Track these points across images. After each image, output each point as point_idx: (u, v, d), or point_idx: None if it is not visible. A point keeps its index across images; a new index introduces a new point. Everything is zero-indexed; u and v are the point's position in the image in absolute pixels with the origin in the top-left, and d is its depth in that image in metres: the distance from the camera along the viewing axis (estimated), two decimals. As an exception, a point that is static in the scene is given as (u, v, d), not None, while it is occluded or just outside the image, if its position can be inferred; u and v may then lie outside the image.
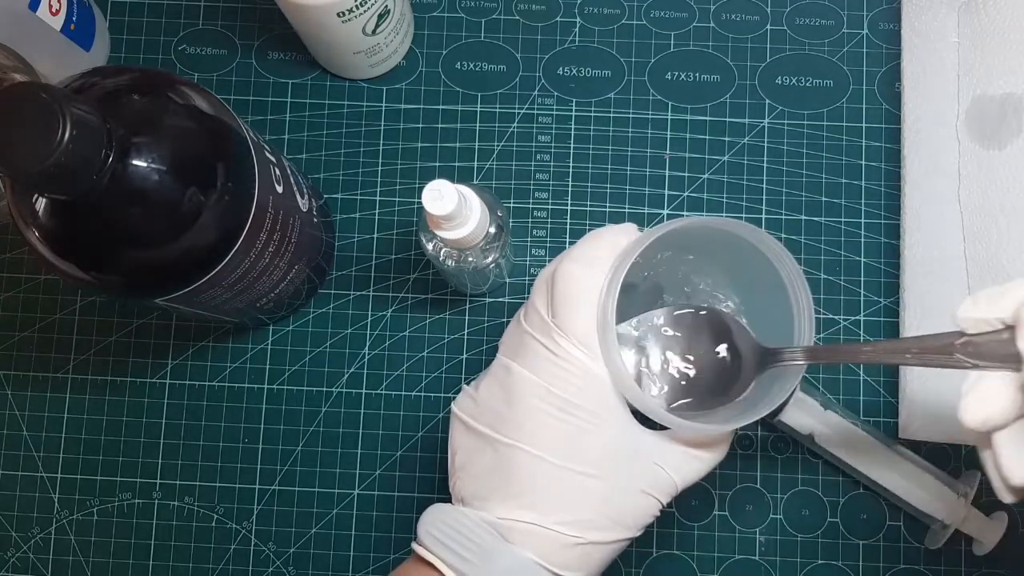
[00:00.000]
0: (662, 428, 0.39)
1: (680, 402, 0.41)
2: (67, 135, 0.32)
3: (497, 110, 0.58)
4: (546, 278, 0.40)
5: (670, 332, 0.42)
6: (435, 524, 0.38)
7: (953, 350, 0.32)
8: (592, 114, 0.58)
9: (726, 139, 0.57)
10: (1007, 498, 0.32)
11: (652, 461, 0.39)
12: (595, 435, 0.38)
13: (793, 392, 0.51)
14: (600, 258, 0.40)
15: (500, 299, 0.56)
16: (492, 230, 0.46)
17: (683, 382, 0.41)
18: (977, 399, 0.31)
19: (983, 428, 0.31)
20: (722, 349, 0.41)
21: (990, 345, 0.31)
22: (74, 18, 0.54)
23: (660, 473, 0.39)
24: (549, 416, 0.38)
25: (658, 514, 0.40)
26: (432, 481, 0.55)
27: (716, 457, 0.41)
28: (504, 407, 0.39)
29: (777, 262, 0.40)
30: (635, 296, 0.43)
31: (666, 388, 0.41)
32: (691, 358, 0.42)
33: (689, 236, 0.41)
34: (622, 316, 0.41)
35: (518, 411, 0.38)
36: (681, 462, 0.40)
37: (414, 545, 0.39)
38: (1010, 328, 0.31)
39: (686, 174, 0.57)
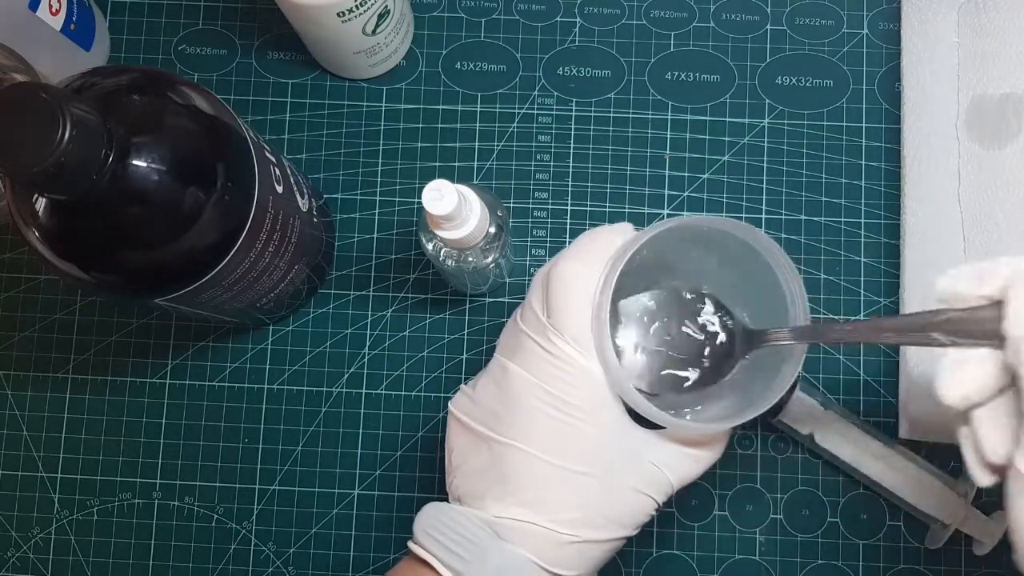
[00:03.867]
0: (658, 427, 0.39)
1: (665, 373, 0.42)
2: (67, 135, 0.32)
3: (497, 110, 0.58)
4: (542, 278, 0.40)
5: (656, 317, 0.42)
6: (431, 522, 0.38)
7: (931, 328, 0.32)
8: (592, 114, 0.58)
9: (726, 139, 0.57)
10: (983, 479, 0.32)
11: (648, 460, 0.39)
12: (590, 434, 0.38)
13: (792, 391, 0.51)
14: (595, 257, 0.40)
15: (500, 299, 0.56)
16: (492, 230, 0.46)
17: (671, 363, 0.42)
18: (957, 376, 0.31)
19: (962, 406, 0.31)
20: (706, 328, 0.42)
21: (971, 322, 0.31)
22: (74, 18, 0.54)
23: (655, 472, 0.39)
24: (545, 415, 0.38)
25: (654, 513, 0.40)
26: (432, 481, 0.55)
27: (712, 456, 0.41)
28: (500, 406, 0.39)
29: (771, 258, 0.40)
30: (629, 294, 0.43)
31: (656, 372, 0.42)
32: (677, 339, 0.42)
33: (683, 235, 0.41)
34: (614, 313, 0.42)
35: (514, 410, 0.38)
36: (677, 461, 0.40)
37: (410, 544, 0.39)
38: (995, 304, 0.31)
39: (686, 174, 0.57)
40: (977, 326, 0.31)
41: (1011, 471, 0.30)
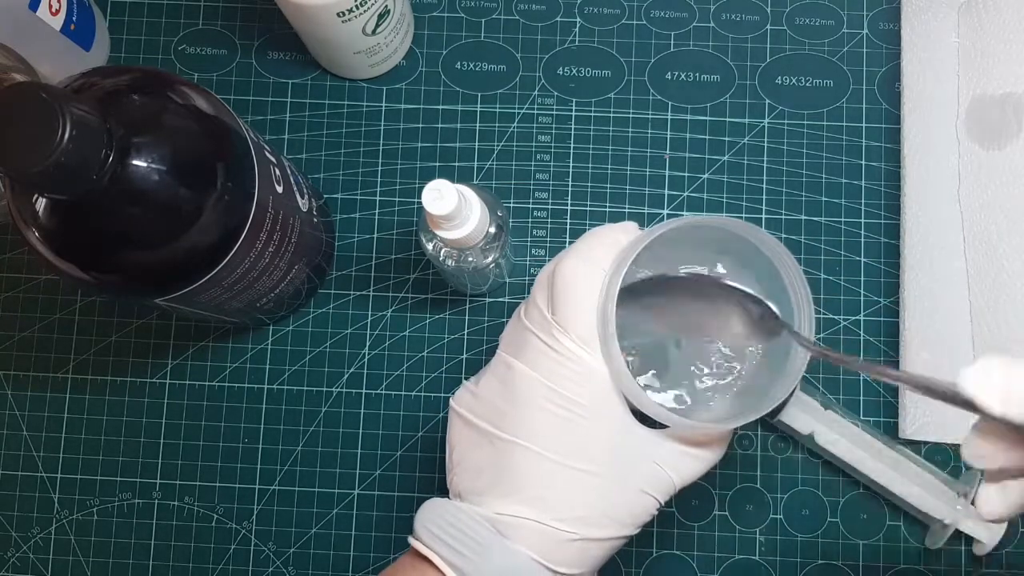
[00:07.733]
0: (662, 426, 0.39)
1: (676, 369, 0.41)
2: (67, 135, 0.32)
3: (497, 110, 0.58)
4: (547, 275, 0.40)
5: (665, 313, 0.42)
6: (432, 519, 0.38)
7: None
8: (592, 114, 0.58)
9: (726, 139, 0.57)
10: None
11: (650, 459, 0.39)
12: (594, 432, 0.38)
13: (794, 391, 0.51)
14: (601, 256, 0.40)
15: (500, 299, 0.56)
16: (492, 230, 0.46)
17: (681, 359, 0.41)
18: (980, 447, 0.31)
19: (978, 468, 0.32)
20: (734, 314, 0.41)
21: None
22: (74, 18, 0.54)
23: (658, 471, 0.39)
24: (548, 413, 0.38)
25: (656, 512, 0.40)
26: (432, 481, 0.55)
27: (714, 456, 0.41)
28: (503, 403, 0.39)
29: (776, 260, 0.40)
30: (634, 294, 0.43)
31: (664, 366, 0.41)
32: (690, 334, 0.41)
33: (689, 235, 0.41)
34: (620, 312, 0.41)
35: (517, 407, 0.38)
36: (679, 461, 0.40)
37: (411, 540, 0.39)
38: None
39: (686, 174, 0.57)
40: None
41: None
